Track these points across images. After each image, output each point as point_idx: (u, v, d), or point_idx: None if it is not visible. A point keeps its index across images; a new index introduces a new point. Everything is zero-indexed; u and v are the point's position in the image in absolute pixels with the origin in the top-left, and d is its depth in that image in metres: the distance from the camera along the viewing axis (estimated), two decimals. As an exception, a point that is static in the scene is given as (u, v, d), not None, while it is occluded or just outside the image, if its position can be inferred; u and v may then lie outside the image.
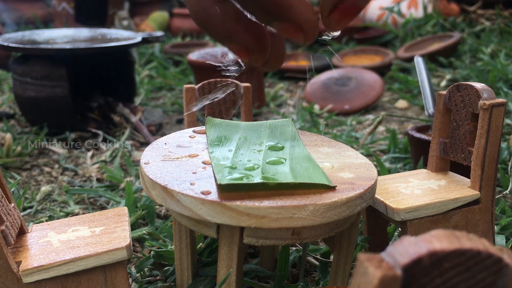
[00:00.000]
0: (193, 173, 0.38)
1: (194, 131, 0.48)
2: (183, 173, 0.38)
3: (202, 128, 0.49)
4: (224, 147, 0.43)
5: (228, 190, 0.35)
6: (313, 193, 0.35)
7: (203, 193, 0.35)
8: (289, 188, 0.36)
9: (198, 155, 0.42)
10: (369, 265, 0.17)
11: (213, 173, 0.38)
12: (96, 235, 0.41)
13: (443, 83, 1.32)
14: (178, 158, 0.41)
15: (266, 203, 0.33)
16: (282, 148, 0.43)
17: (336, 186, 0.36)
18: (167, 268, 0.52)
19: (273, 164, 0.40)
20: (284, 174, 0.37)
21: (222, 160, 0.40)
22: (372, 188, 0.38)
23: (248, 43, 0.32)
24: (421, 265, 0.18)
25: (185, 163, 0.40)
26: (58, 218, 0.63)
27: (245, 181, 0.35)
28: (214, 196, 0.34)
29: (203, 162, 0.41)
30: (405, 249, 0.18)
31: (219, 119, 0.50)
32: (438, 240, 0.18)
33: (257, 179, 0.36)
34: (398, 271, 0.17)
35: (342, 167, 0.41)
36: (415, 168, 0.73)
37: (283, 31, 0.32)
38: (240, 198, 0.34)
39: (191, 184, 0.36)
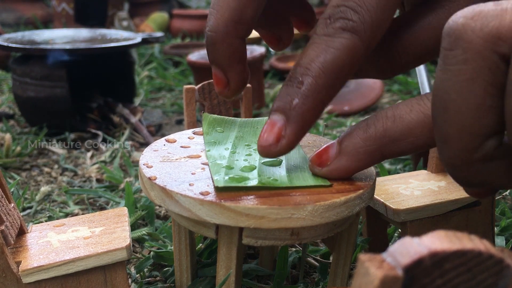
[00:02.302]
0: (192, 174, 0.38)
1: (193, 133, 0.48)
2: (182, 174, 0.38)
3: (202, 129, 0.49)
4: (220, 146, 0.43)
5: (224, 191, 0.35)
6: (312, 193, 0.35)
7: (201, 193, 0.35)
8: (281, 190, 0.36)
9: (197, 156, 0.42)
10: (370, 265, 0.17)
11: (210, 173, 0.38)
12: (96, 235, 0.41)
13: (443, 85, 1.32)
14: (177, 159, 0.41)
15: (265, 203, 0.33)
16: None
17: (332, 184, 0.36)
18: (166, 269, 0.52)
19: (269, 165, 0.40)
20: (280, 177, 0.37)
21: (218, 159, 0.40)
22: (371, 188, 0.38)
23: None
24: (422, 265, 0.18)
25: (184, 164, 0.40)
26: (57, 219, 0.63)
27: (242, 184, 0.36)
28: (212, 196, 0.34)
29: (202, 163, 0.41)
30: (406, 250, 0.18)
31: (215, 115, 0.49)
32: (439, 241, 0.18)
33: (253, 182, 0.36)
34: (399, 272, 0.17)
35: None
36: (414, 169, 0.73)
37: None
38: (238, 198, 0.34)
39: (190, 185, 0.36)
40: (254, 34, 1.79)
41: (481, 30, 0.25)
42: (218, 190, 0.35)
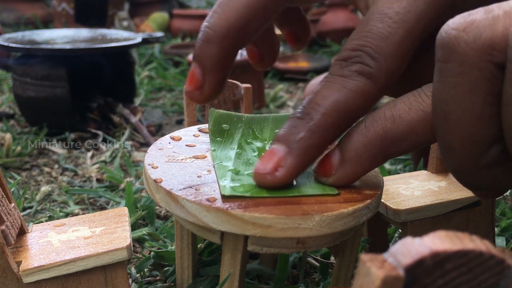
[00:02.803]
0: (198, 176, 0.38)
1: (199, 130, 0.48)
2: (188, 176, 0.38)
3: (207, 126, 0.48)
4: (226, 145, 0.43)
5: (231, 199, 0.35)
6: (319, 202, 0.35)
7: (208, 200, 0.34)
8: (295, 197, 0.36)
9: (202, 157, 0.42)
10: (371, 265, 0.17)
11: (216, 177, 0.38)
12: (96, 235, 0.41)
13: (443, 85, 1.32)
14: (182, 160, 0.41)
15: (272, 213, 0.33)
16: None
17: (340, 193, 0.36)
18: (167, 268, 0.52)
19: None
20: (288, 185, 0.37)
21: (224, 160, 0.40)
22: (378, 197, 0.37)
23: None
24: (423, 265, 0.18)
25: (189, 165, 0.40)
26: (58, 218, 0.63)
27: (249, 193, 0.35)
28: (219, 203, 0.34)
29: (208, 165, 0.40)
30: (408, 250, 0.18)
31: (222, 110, 0.49)
32: (440, 241, 0.18)
33: (261, 190, 0.35)
34: (401, 272, 0.17)
35: None
36: (415, 169, 0.73)
37: None
38: (245, 206, 0.34)
39: (196, 189, 0.36)
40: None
41: (474, 42, 0.25)
42: (225, 198, 0.35)
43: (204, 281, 0.47)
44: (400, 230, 0.54)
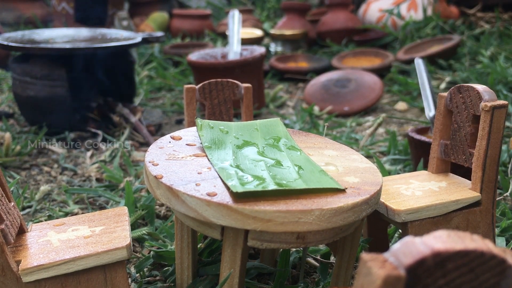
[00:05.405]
0: (198, 173, 0.38)
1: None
2: (188, 173, 0.38)
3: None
4: (220, 151, 0.43)
5: (243, 197, 0.35)
6: (319, 197, 0.35)
7: (208, 194, 0.34)
8: (298, 193, 0.36)
9: (202, 155, 0.42)
10: (372, 265, 0.17)
11: (219, 175, 0.38)
12: (96, 234, 0.41)
13: (443, 85, 1.32)
14: (183, 158, 0.41)
15: (272, 207, 0.33)
16: (280, 150, 0.43)
17: (346, 189, 0.36)
18: (166, 268, 0.52)
19: (277, 169, 0.39)
20: (294, 180, 0.37)
21: (222, 163, 0.40)
22: (378, 194, 0.38)
23: None
24: (424, 265, 0.18)
25: (190, 162, 0.40)
26: (57, 218, 0.62)
27: (260, 188, 0.35)
28: (219, 198, 0.34)
29: (208, 163, 0.40)
30: (409, 250, 0.18)
31: (207, 120, 0.49)
32: (441, 241, 0.18)
33: (271, 185, 0.35)
34: (402, 271, 0.17)
35: (347, 171, 0.41)
36: (415, 169, 0.73)
37: None
38: (246, 201, 0.34)
39: (196, 184, 0.36)
40: (255, 34, 1.79)
41: None
42: (237, 195, 0.34)
43: (204, 281, 0.46)
44: (400, 230, 0.54)
